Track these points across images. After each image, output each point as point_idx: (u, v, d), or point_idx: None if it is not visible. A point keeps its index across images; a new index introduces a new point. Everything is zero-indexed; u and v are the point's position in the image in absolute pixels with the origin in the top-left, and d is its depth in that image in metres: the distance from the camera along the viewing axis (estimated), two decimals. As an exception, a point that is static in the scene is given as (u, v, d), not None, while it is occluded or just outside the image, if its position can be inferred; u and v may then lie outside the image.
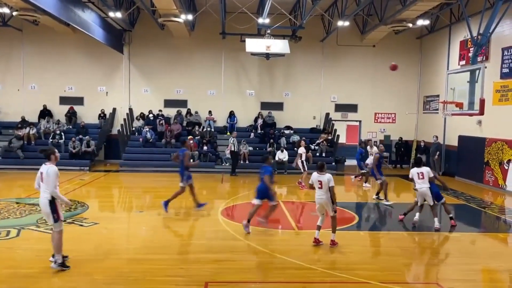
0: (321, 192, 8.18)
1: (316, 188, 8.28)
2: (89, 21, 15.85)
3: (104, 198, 13.36)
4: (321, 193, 8.18)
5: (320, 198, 8.24)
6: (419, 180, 9.75)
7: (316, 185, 8.26)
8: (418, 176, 9.76)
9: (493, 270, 7.56)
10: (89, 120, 21.54)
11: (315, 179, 8.26)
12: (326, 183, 8.12)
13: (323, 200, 8.21)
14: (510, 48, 15.15)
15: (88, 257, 7.53)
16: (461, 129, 18.02)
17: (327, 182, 8.11)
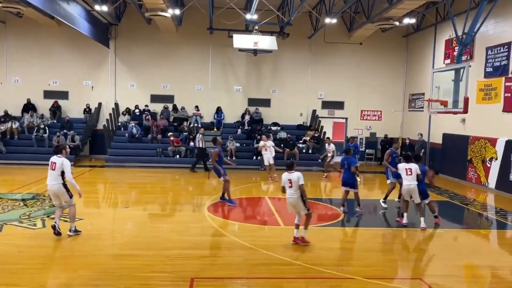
0: (291, 192, 8.03)
1: (286, 187, 8.10)
2: (74, 14, 15.63)
3: (89, 194, 13.17)
4: (291, 192, 8.03)
5: (291, 197, 8.08)
6: (407, 176, 9.65)
7: (286, 185, 8.07)
8: (406, 172, 9.67)
9: (475, 266, 7.70)
10: (74, 115, 21.27)
11: (285, 178, 8.09)
12: (296, 181, 7.96)
13: (294, 199, 8.07)
14: (494, 48, 15.39)
15: (73, 253, 7.47)
16: (445, 127, 18.27)
17: (297, 180, 7.95)
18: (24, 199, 11.53)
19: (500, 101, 14.93)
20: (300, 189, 7.98)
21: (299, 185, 7.96)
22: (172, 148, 19.38)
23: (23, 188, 13.04)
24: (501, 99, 14.92)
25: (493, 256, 8.30)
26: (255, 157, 19.43)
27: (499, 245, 9.42)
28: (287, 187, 8.09)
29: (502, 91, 14.88)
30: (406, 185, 9.70)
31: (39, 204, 11.12)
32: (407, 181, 9.67)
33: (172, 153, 19.40)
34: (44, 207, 10.75)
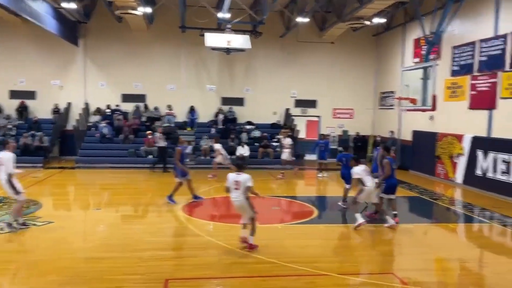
0: (238, 193, 7.68)
1: (232, 189, 7.76)
2: (41, 12, 15.17)
3: (59, 196, 12.91)
4: (238, 194, 7.68)
5: (237, 200, 7.75)
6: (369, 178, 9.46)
7: (232, 186, 7.73)
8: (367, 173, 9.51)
9: (444, 259, 7.93)
10: (42, 115, 20.65)
11: (232, 179, 7.74)
12: (243, 183, 7.63)
13: (240, 202, 7.74)
14: (460, 47, 15.85)
15: (42, 257, 7.28)
16: (414, 124, 18.71)
17: (244, 182, 7.63)
18: (-10, 203, 11.13)
19: (466, 98, 15.41)
20: (249, 192, 7.69)
21: (246, 187, 7.63)
22: (144, 148, 19.11)
23: (-11, 191, 12.58)
24: (467, 96, 15.40)
25: (461, 249, 8.58)
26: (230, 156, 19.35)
27: (466, 238, 9.74)
28: (232, 188, 7.74)
29: (468, 89, 15.36)
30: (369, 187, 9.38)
31: (6, 207, 10.75)
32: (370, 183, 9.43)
33: (145, 153, 19.13)
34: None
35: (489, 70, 14.32)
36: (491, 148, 13.98)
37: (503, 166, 13.37)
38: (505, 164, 13.31)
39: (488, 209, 11.79)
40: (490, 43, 14.28)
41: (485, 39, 14.51)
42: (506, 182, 13.21)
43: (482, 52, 14.64)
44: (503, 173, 13.36)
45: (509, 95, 13.42)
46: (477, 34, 14.97)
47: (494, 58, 14.04)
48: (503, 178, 13.33)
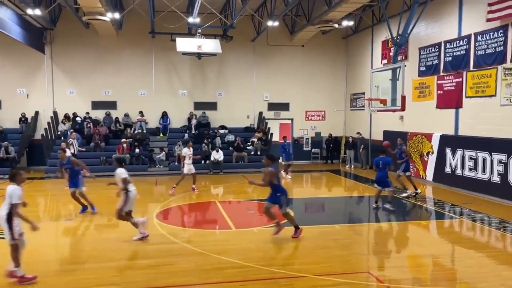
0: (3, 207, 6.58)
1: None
2: (5, 19, 14.72)
3: (28, 208, 12.26)
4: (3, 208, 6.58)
5: None
6: None
7: None
8: None
9: (418, 256, 8.10)
10: (8, 125, 20.03)
11: None
12: (8, 196, 6.41)
13: None
14: (426, 48, 16.31)
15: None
16: (385, 124, 19.10)
17: (8, 196, 6.42)
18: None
19: (434, 98, 15.86)
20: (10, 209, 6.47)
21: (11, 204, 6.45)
22: (117, 155, 18.73)
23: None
24: (434, 96, 15.85)
25: (433, 245, 8.77)
26: (204, 161, 19.28)
27: (438, 235, 9.97)
28: None
29: (434, 89, 15.81)
30: None
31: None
32: None
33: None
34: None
35: (454, 70, 14.78)
36: (458, 146, 14.41)
37: (471, 163, 13.80)
38: (472, 160, 13.74)
39: (458, 205, 12.13)
40: (454, 44, 14.75)
41: (449, 40, 14.99)
42: (474, 179, 13.64)
43: (447, 52, 15.11)
44: (471, 170, 13.79)
45: (474, 94, 13.88)
46: (442, 35, 15.45)
47: (459, 59, 14.51)
48: (471, 174, 13.76)
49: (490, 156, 13.01)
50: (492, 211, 11.29)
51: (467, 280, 6.86)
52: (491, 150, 12.95)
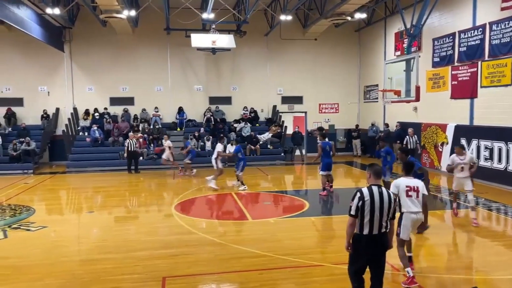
0: None
1: None
2: (26, 18, 15.13)
3: (52, 201, 12.94)
4: None
5: None
6: None
7: None
8: None
9: (434, 245, 8.17)
10: (31, 122, 20.61)
11: None
12: None
13: None
14: (440, 39, 16.22)
15: (38, 262, 7.32)
16: (399, 116, 19.07)
17: None
18: (-17, 211, 11.15)
19: (448, 88, 15.79)
20: None
21: None
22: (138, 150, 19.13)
23: (-20, 200, 12.59)
24: (448, 87, 15.78)
25: (449, 234, 8.86)
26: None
27: (454, 224, 10.02)
28: None
29: (449, 79, 15.74)
30: None
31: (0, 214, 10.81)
32: None
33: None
34: (5, 217, 10.45)
35: (469, 60, 14.69)
36: (474, 136, 14.37)
37: (486, 153, 13.76)
38: (487, 150, 13.70)
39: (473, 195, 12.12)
40: (468, 33, 14.65)
41: (463, 30, 14.89)
42: (489, 168, 13.60)
43: (462, 42, 15.01)
44: (486, 160, 13.75)
45: (489, 83, 13.80)
46: (456, 26, 15.35)
47: (473, 48, 14.42)
48: (487, 164, 13.73)
49: (506, 145, 12.96)
50: (509, 201, 11.29)
51: (483, 268, 6.93)
52: (507, 140, 12.89)
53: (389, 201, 4.88)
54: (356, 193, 4.90)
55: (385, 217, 4.88)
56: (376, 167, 5.06)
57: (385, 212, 4.85)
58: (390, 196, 4.93)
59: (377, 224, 4.85)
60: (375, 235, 4.88)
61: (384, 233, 4.96)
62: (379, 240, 4.93)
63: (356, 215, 4.87)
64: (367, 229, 4.85)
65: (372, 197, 4.82)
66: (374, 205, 4.80)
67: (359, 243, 4.93)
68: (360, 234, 4.90)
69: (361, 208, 4.82)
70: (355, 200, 4.87)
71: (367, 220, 4.82)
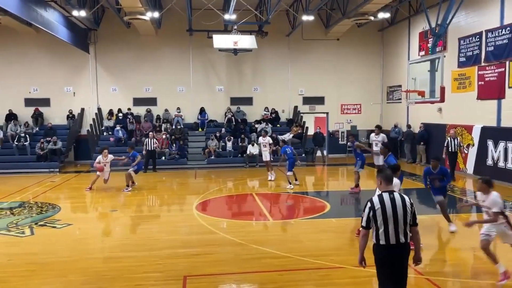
0: None
1: None
2: (52, 21, 15.52)
3: (76, 199, 13.22)
4: None
5: None
6: None
7: None
8: None
9: (458, 249, 8.00)
10: (57, 121, 21.13)
11: None
12: None
13: None
14: (466, 38, 15.86)
15: (63, 259, 7.48)
16: (423, 117, 18.73)
17: None
18: (11, 208, 11.48)
19: (474, 89, 15.42)
20: None
21: None
22: (158, 150, 19.39)
23: (9, 197, 12.96)
24: (475, 87, 15.41)
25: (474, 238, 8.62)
26: (240, 155, 19.63)
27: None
28: None
29: (475, 79, 15.37)
30: None
31: (26, 212, 11.10)
32: None
33: (158, 155, 19.40)
34: (32, 215, 10.74)
35: (496, 60, 14.32)
36: (501, 138, 13.99)
37: (514, 155, 13.37)
38: (515, 153, 13.31)
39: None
40: (496, 32, 14.28)
41: (491, 29, 14.52)
42: (517, 171, 13.22)
43: (489, 42, 14.64)
44: (514, 162, 13.37)
45: (517, 84, 13.42)
46: (483, 25, 14.97)
47: (501, 48, 14.04)
48: (515, 167, 13.35)
49: (534, 148, 12.57)
50: (537, 205, 10.96)
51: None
52: (536, 142, 12.51)
53: (403, 207, 4.54)
54: (367, 203, 4.65)
55: (402, 225, 4.53)
56: (386, 173, 4.82)
57: (400, 219, 4.52)
58: (405, 201, 4.58)
59: (393, 233, 4.53)
60: (393, 245, 4.56)
61: (405, 243, 4.59)
62: (398, 250, 4.59)
63: (368, 227, 4.62)
64: (383, 240, 4.57)
65: (383, 205, 4.54)
66: (386, 214, 4.51)
67: (378, 254, 4.68)
68: (377, 244, 4.64)
69: (373, 218, 4.57)
70: (366, 210, 4.62)
71: (382, 230, 4.55)
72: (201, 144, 20.76)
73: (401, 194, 4.69)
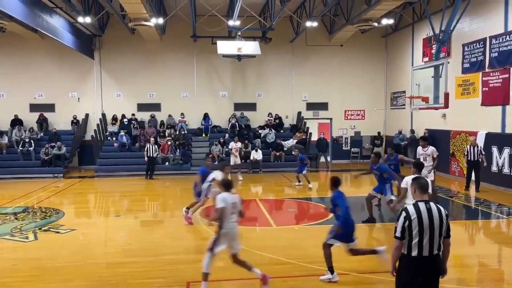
0: None
1: None
2: (58, 27, 15.65)
3: (80, 204, 13.26)
4: None
5: None
6: None
7: None
8: None
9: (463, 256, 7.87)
10: (62, 127, 21.21)
11: None
12: None
13: None
14: (470, 44, 15.85)
15: (67, 264, 7.50)
16: (427, 123, 18.68)
17: None
18: (15, 213, 11.52)
19: (478, 95, 15.38)
20: None
21: None
22: (161, 155, 19.44)
23: (13, 202, 13.01)
24: (479, 93, 15.37)
25: (479, 245, 8.59)
26: (244, 161, 19.62)
27: (484, 235, 9.73)
28: None
29: (479, 85, 15.34)
30: None
31: (30, 217, 11.13)
32: None
33: (162, 160, 19.46)
34: (36, 220, 10.76)
35: (500, 66, 14.29)
36: (506, 144, 13.92)
37: (519, 162, 13.30)
38: (520, 159, 13.24)
39: (505, 205, 11.75)
40: (500, 39, 14.26)
41: (495, 35, 14.51)
42: (522, 178, 13.15)
43: (493, 48, 14.62)
44: (519, 169, 13.29)
45: (522, 90, 13.38)
46: (487, 31, 14.97)
47: (506, 54, 14.02)
48: (519, 173, 13.27)
49: (539, 154, 12.51)
50: (542, 211, 10.89)
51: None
52: (541, 149, 12.45)
53: (439, 218, 4.32)
54: (402, 212, 4.40)
55: (437, 237, 4.31)
56: (421, 180, 4.57)
57: (436, 231, 4.30)
58: (441, 212, 4.36)
59: (427, 245, 4.30)
60: (425, 257, 4.32)
61: (437, 255, 4.38)
62: (430, 263, 4.36)
63: (403, 237, 4.35)
64: (415, 251, 4.32)
65: (420, 215, 4.30)
66: (422, 224, 4.29)
67: (407, 266, 4.41)
68: (408, 256, 4.37)
69: (408, 228, 4.31)
70: (401, 220, 4.37)
71: (416, 241, 4.30)
72: (204, 149, 20.78)
73: (437, 205, 4.49)
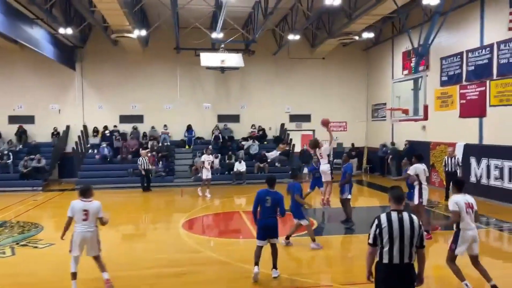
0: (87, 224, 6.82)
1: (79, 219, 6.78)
2: (38, 38, 15.51)
3: (60, 218, 12.86)
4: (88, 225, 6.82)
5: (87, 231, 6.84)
6: None
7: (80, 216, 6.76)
8: None
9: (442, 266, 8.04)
10: (42, 139, 20.83)
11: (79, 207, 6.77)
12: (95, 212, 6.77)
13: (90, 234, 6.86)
14: (447, 58, 16.27)
15: (45, 279, 7.37)
16: (407, 134, 19.02)
17: (96, 212, 6.79)
18: (-8, 228, 11.23)
19: (456, 107, 15.76)
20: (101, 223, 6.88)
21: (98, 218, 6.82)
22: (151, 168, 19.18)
23: (-10, 216, 12.68)
24: (457, 105, 15.75)
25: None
26: (227, 172, 19.59)
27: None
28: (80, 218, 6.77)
29: (457, 98, 15.73)
30: None
31: (7, 231, 10.86)
32: None
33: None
34: (13, 234, 10.51)
35: (477, 79, 14.70)
36: (483, 155, 14.26)
37: (496, 172, 13.63)
38: (498, 170, 13.57)
39: (483, 215, 11.98)
40: (476, 53, 14.70)
41: (471, 49, 14.94)
42: (500, 188, 13.46)
43: (470, 62, 15.05)
44: (497, 179, 13.61)
45: (498, 102, 13.77)
46: (464, 45, 15.41)
47: (482, 68, 14.44)
48: (497, 184, 13.58)
49: (516, 165, 12.83)
50: (520, 221, 11.13)
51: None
52: (517, 159, 12.78)
53: (411, 227, 4.48)
54: (374, 220, 4.63)
55: (408, 246, 4.47)
56: (396, 191, 4.74)
57: (406, 240, 4.46)
58: (413, 221, 4.52)
59: (397, 253, 4.46)
60: (396, 265, 4.49)
61: (409, 264, 4.52)
62: (400, 271, 4.51)
63: (375, 244, 4.58)
64: (386, 258, 4.51)
65: (391, 224, 4.49)
66: (392, 233, 4.47)
67: (379, 273, 4.62)
68: (380, 262, 4.58)
69: (379, 236, 4.53)
70: (373, 227, 4.60)
71: (387, 249, 4.49)
72: (188, 161, 20.69)
73: (410, 214, 4.61)
